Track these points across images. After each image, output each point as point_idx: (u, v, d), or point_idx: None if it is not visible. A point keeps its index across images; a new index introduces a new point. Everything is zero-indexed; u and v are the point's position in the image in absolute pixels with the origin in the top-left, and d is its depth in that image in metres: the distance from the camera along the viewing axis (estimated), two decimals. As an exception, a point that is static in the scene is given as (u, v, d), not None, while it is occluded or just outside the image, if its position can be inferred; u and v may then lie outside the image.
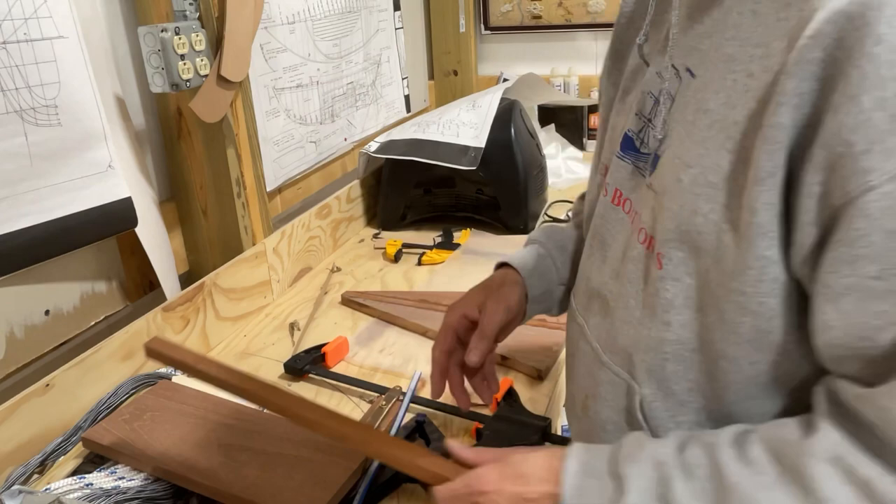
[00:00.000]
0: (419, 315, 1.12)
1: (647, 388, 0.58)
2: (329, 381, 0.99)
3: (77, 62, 0.91)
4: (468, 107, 1.55)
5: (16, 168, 0.86)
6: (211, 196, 1.19)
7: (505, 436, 0.83)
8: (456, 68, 2.14)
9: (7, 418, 0.82)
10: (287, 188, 1.42)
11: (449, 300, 1.13)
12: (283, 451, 0.79)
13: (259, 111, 1.28)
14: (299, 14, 1.39)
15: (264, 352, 1.10)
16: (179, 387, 0.93)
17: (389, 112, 1.82)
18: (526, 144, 1.50)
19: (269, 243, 1.26)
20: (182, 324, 1.05)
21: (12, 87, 0.84)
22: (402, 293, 1.22)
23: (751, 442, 0.49)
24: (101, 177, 0.97)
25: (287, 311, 1.23)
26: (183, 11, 1.06)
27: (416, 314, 1.13)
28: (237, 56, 1.12)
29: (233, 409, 0.88)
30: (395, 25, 1.82)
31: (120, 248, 1.09)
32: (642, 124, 0.62)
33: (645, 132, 0.62)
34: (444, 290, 1.22)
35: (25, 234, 0.88)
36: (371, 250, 1.49)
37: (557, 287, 0.81)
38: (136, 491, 0.76)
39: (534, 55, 2.19)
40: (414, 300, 1.17)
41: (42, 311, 0.97)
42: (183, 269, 1.22)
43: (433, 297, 1.17)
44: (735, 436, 0.51)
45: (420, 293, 1.20)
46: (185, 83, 1.03)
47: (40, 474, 0.83)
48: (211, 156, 1.16)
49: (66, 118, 0.91)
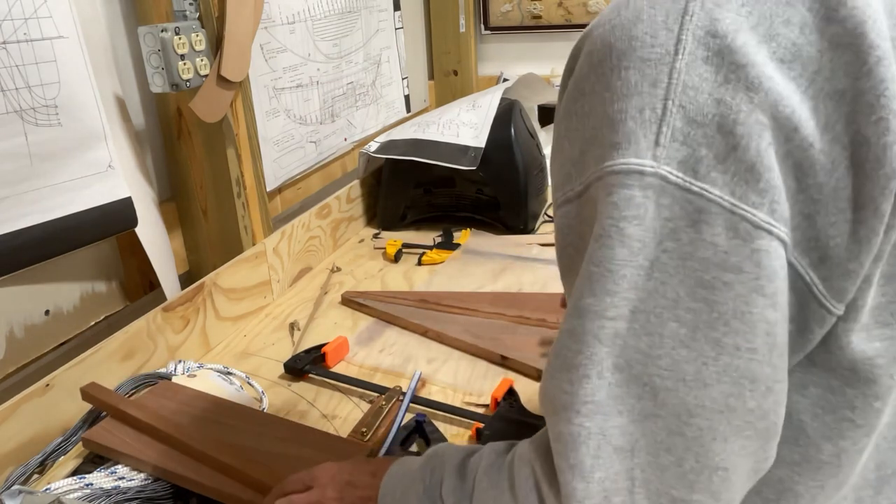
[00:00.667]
0: (419, 315, 1.13)
1: None
2: (329, 381, 0.99)
3: (77, 62, 0.91)
4: (468, 107, 1.55)
5: (16, 168, 0.86)
6: (211, 196, 1.19)
7: (505, 436, 0.82)
8: (456, 68, 2.14)
9: (7, 418, 0.81)
10: (287, 188, 1.42)
11: (449, 301, 1.14)
12: (284, 452, 0.79)
13: (259, 111, 1.28)
14: (299, 14, 1.39)
15: (264, 352, 1.10)
16: (179, 387, 0.93)
17: (389, 112, 1.82)
18: (526, 144, 1.50)
19: (269, 243, 1.26)
20: (182, 324, 1.05)
21: (12, 87, 0.84)
22: (402, 293, 1.22)
23: (507, 452, 0.58)
24: (101, 177, 0.97)
25: (287, 311, 1.23)
26: (183, 11, 1.06)
27: (417, 314, 1.13)
28: (237, 56, 1.12)
29: (233, 409, 0.88)
30: (395, 25, 1.82)
31: (120, 248, 1.09)
32: None
33: None
34: (444, 290, 1.22)
35: (25, 234, 0.88)
36: (371, 250, 1.49)
37: None
38: (136, 491, 0.76)
39: (534, 55, 2.19)
40: (414, 300, 1.17)
41: (42, 311, 0.97)
42: (183, 269, 1.22)
43: (433, 297, 1.17)
44: (497, 447, 0.60)
45: (420, 293, 1.20)
46: (185, 83, 1.03)
47: (40, 474, 0.83)
48: (211, 156, 1.16)
49: (66, 118, 0.91)
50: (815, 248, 0.43)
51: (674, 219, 0.41)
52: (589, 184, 0.44)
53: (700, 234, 0.41)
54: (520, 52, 2.21)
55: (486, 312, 1.12)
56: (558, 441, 0.46)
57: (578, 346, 0.45)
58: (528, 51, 2.19)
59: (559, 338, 0.47)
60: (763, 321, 0.42)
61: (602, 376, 0.44)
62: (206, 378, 0.97)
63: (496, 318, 1.10)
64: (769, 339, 0.43)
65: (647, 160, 0.41)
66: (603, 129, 0.43)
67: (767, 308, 0.42)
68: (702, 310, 0.42)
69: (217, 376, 0.98)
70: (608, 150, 0.43)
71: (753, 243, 0.41)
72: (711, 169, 0.41)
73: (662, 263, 0.42)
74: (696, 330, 0.42)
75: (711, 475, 0.44)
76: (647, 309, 0.43)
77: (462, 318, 1.11)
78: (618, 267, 0.42)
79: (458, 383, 0.97)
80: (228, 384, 0.97)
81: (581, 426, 0.45)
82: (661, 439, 0.44)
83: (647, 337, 0.43)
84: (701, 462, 0.44)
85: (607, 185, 0.42)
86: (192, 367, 1.01)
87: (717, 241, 0.41)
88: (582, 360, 0.44)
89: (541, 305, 1.12)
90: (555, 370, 0.47)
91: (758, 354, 0.43)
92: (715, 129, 0.41)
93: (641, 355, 0.43)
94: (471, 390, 0.95)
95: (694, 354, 0.43)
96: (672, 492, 0.45)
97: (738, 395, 0.43)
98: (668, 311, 0.42)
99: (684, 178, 0.41)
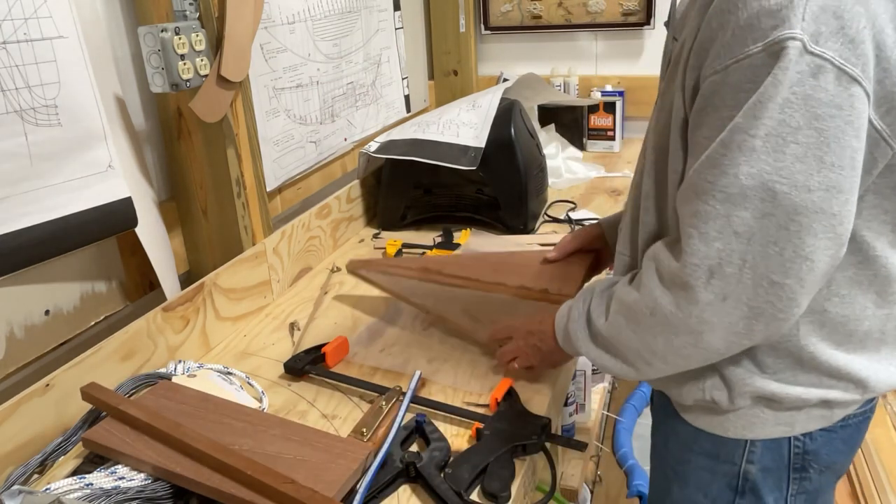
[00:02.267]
0: (421, 292, 1.12)
1: (638, 261, 0.83)
2: (329, 381, 0.99)
3: (77, 62, 0.91)
4: (468, 107, 1.55)
5: (16, 168, 0.86)
6: (211, 196, 1.19)
7: (505, 435, 0.83)
8: (456, 68, 2.14)
9: (7, 418, 0.82)
10: (287, 188, 1.42)
11: (451, 268, 1.14)
12: (283, 452, 0.79)
13: (259, 111, 1.28)
14: (299, 14, 1.39)
15: (264, 352, 1.10)
16: (179, 387, 0.93)
17: (389, 112, 1.82)
18: (526, 144, 1.50)
19: (269, 243, 1.26)
20: (182, 324, 1.06)
21: (12, 87, 0.84)
22: (405, 261, 1.22)
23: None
24: (101, 177, 0.97)
25: (287, 311, 1.23)
26: (183, 11, 1.06)
27: (419, 290, 1.13)
28: (237, 56, 1.12)
29: (233, 409, 0.88)
30: (395, 25, 1.82)
31: (120, 248, 1.09)
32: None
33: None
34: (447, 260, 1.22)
35: (25, 234, 0.89)
36: (371, 250, 1.49)
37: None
38: (136, 491, 0.76)
39: (534, 55, 2.19)
40: (416, 269, 1.16)
41: (42, 311, 0.97)
42: (183, 269, 1.22)
43: (435, 265, 1.17)
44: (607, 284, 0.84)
45: (423, 260, 1.21)
46: (185, 83, 1.03)
47: (40, 474, 0.83)
48: (211, 156, 1.16)
49: (66, 118, 0.91)
50: (884, 103, 0.64)
51: (802, 71, 0.60)
52: (750, 53, 0.63)
53: (818, 81, 0.60)
54: (520, 52, 2.21)
55: (487, 283, 1.10)
56: (694, 216, 0.67)
57: (724, 150, 0.64)
58: (528, 51, 2.19)
59: (712, 146, 0.65)
60: (849, 147, 0.62)
61: (737, 176, 0.63)
62: (206, 378, 0.97)
63: (498, 290, 1.09)
64: (853, 161, 0.63)
65: (797, 30, 0.60)
66: (761, 17, 0.62)
67: (854, 137, 0.62)
68: (812, 135, 0.61)
69: (217, 376, 0.98)
70: (769, 30, 0.61)
71: (850, 90, 0.61)
72: (828, 39, 0.60)
73: (790, 102, 0.61)
74: (808, 149, 0.61)
75: (801, 263, 0.64)
76: (776, 133, 0.62)
77: (463, 294, 1.10)
78: (764, 100, 0.61)
79: (458, 383, 0.97)
80: (228, 384, 0.97)
81: (713, 207, 0.65)
82: (771, 233, 0.63)
83: (774, 153, 0.62)
84: (797, 252, 0.64)
85: (773, 50, 0.61)
86: (192, 367, 1.01)
87: (828, 87, 0.61)
88: (724, 161, 0.64)
89: (543, 270, 1.11)
90: (702, 166, 0.66)
91: (844, 171, 0.62)
92: (831, 14, 0.60)
93: (768, 166, 0.62)
94: (471, 390, 0.95)
95: (804, 167, 0.62)
96: (772, 276, 0.65)
97: (828, 199, 0.62)
98: (790, 135, 0.61)
99: (812, 45, 0.60)
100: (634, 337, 0.75)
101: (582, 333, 0.83)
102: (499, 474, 0.78)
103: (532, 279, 1.09)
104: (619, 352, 0.79)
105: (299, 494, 0.71)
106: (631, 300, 0.75)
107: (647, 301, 0.73)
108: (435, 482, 0.76)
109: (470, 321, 1.05)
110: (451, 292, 1.11)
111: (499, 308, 1.06)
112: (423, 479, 0.77)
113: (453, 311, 1.07)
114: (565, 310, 0.88)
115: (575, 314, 0.84)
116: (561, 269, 1.10)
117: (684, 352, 0.72)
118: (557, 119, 2.03)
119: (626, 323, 0.76)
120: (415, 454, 0.80)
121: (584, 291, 0.87)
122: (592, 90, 2.08)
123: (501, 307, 1.06)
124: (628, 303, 0.76)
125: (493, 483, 0.76)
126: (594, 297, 0.83)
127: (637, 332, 0.75)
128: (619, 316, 0.77)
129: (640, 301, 0.74)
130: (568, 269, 1.09)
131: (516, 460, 0.81)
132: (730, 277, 0.65)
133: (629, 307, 0.76)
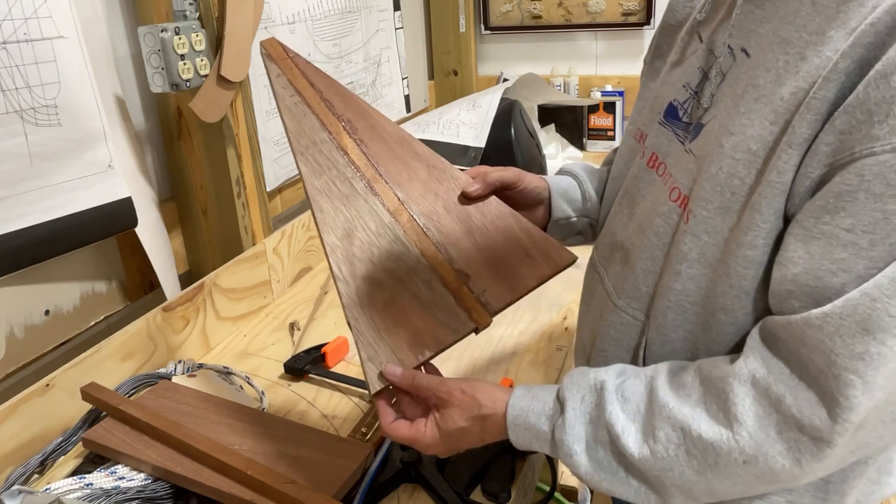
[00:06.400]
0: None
1: (652, 331, 0.66)
2: (329, 381, 0.99)
3: (77, 62, 0.91)
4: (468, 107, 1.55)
5: (16, 168, 0.86)
6: (211, 196, 1.19)
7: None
8: (456, 68, 2.14)
9: (7, 418, 0.82)
10: (287, 188, 1.42)
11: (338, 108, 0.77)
12: (283, 452, 0.79)
13: (259, 111, 1.28)
14: (299, 14, 1.39)
15: (264, 352, 1.10)
16: (179, 387, 0.93)
17: (389, 112, 1.82)
18: (526, 144, 1.50)
19: (269, 243, 1.26)
20: (182, 324, 1.06)
21: (12, 87, 0.84)
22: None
23: (685, 371, 0.60)
24: (101, 177, 0.97)
25: (287, 311, 1.23)
26: (183, 11, 1.06)
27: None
28: (237, 56, 1.12)
29: (233, 408, 0.88)
30: (395, 25, 1.82)
31: (120, 248, 1.09)
32: (688, 95, 0.68)
33: (689, 103, 0.68)
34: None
35: (25, 234, 0.89)
36: (371, 250, 1.48)
37: (580, 218, 0.87)
38: (136, 491, 0.76)
39: (534, 55, 2.19)
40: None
41: (42, 311, 0.97)
42: (183, 269, 1.22)
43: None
44: (672, 366, 0.61)
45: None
46: (185, 83, 1.03)
47: (40, 474, 0.83)
48: (211, 156, 1.16)
49: (66, 118, 0.91)
50: None
51: None
52: None
53: None
54: (520, 52, 2.21)
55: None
56: (858, 358, 0.50)
57: None
58: (528, 51, 2.19)
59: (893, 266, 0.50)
60: None
61: None
62: (206, 378, 0.97)
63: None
64: None
65: None
66: None
67: None
68: None
69: (217, 376, 0.98)
70: None
71: None
72: None
73: None
74: None
75: None
76: None
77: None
78: None
79: (458, 383, 0.97)
80: (228, 384, 0.97)
81: (891, 349, 0.49)
82: None
83: None
84: None
85: None
86: (192, 367, 1.01)
87: None
88: None
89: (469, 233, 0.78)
90: (880, 291, 0.50)
91: None
92: None
93: None
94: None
95: None
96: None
97: None
98: None
99: None
100: (696, 479, 0.56)
101: (593, 454, 0.61)
102: (499, 474, 0.77)
103: (453, 244, 0.75)
104: (653, 482, 0.59)
105: (299, 495, 0.71)
106: (712, 439, 0.55)
107: (748, 449, 0.54)
108: (435, 482, 0.76)
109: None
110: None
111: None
112: (423, 479, 0.77)
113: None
114: (538, 406, 0.64)
115: (570, 418, 0.61)
116: (500, 256, 0.73)
117: (756, 492, 0.59)
118: (557, 119, 2.03)
119: (688, 460, 0.56)
120: (415, 454, 0.80)
121: (576, 383, 0.63)
122: (592, 90, 2.08)
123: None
124: (707, 441, 0.55)
125: (493, 483, 0.76)
126: (608, 400, 0.60)
127: (704, 474, 0.56)
128: (682, 451, 0.56)
129: (731, 444, 0.54)
130: (511, 266, 0.72)
131: (516, 460, 0.81)
132: (875, 427, 0.53)
133: (707, 447, 0.55)
